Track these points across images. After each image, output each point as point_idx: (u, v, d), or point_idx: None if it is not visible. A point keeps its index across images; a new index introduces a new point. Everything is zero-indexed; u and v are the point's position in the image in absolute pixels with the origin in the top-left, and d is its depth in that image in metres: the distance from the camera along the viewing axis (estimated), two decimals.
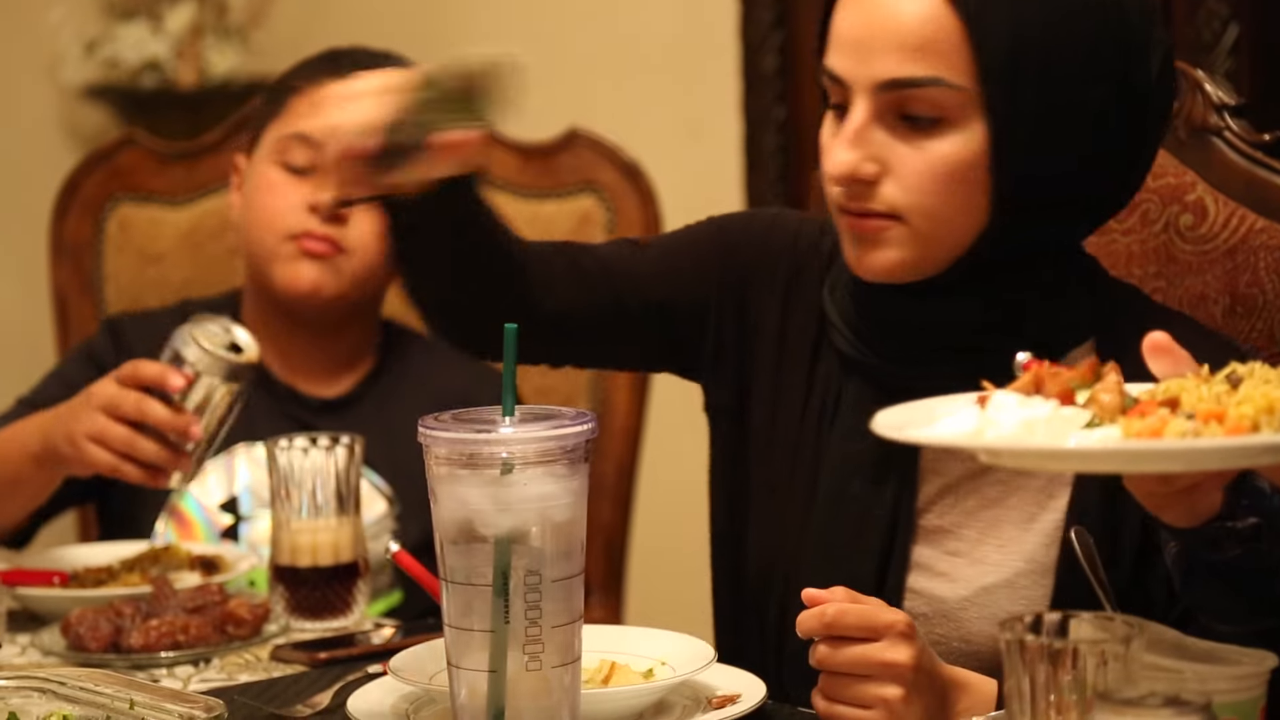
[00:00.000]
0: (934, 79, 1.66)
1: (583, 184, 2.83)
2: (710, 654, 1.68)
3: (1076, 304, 1.77)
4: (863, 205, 1.71)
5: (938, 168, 1.68)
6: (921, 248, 1.71)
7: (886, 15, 1.68)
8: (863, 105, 1.69)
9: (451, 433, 1.45)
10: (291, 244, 2.45)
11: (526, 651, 1.43)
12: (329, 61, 2.53)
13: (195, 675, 1.89)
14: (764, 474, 1.85)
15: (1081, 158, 1.71)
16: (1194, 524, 1.43)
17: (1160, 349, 1.41)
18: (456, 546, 1.45)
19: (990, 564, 1.75)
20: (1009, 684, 1.30)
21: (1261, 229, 1.96)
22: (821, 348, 1.84)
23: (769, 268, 1.88)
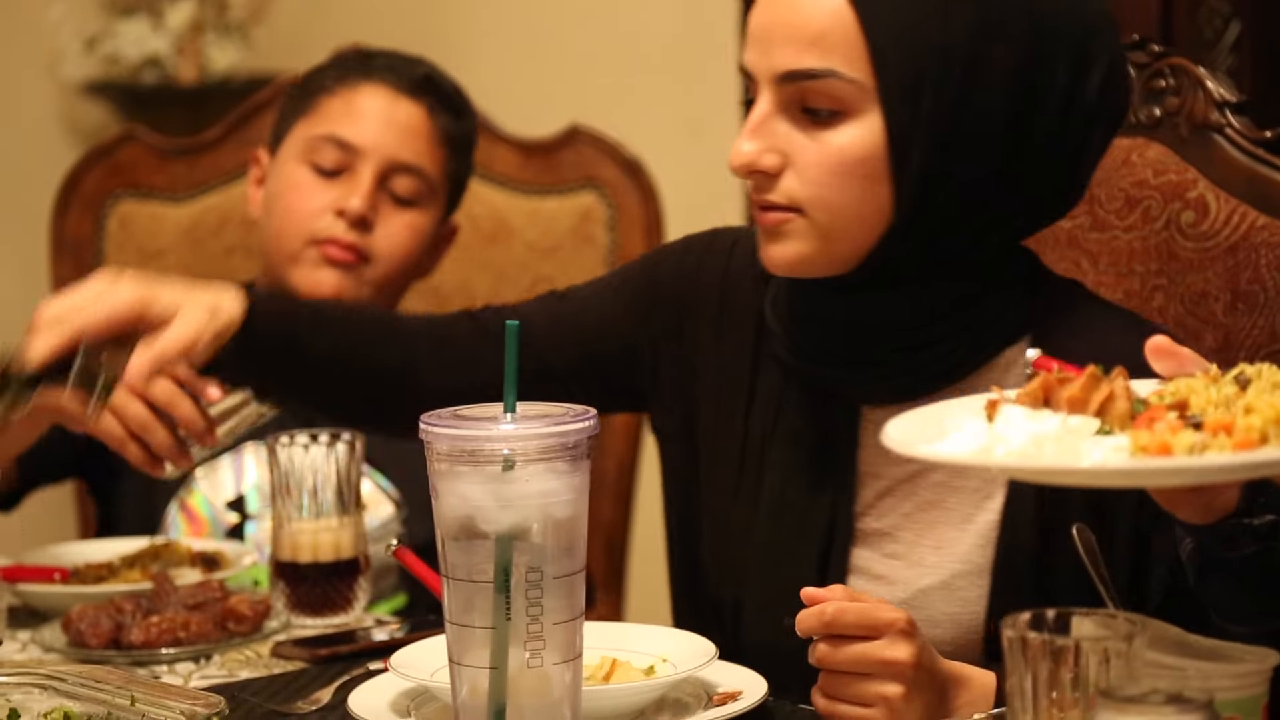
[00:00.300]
0: (829, 71, 1.67)
1: (584, 181, 2.83)
2: (712, 651, 1.68)
3: (1011, 302, 1.76)
4: (765, 197, 1.71)
5: (835, 159, 1.68)
6: (823, 241, 1.71)
7: (788, 9, 1.69)
8: (766, 97, 1.70)
9: (453, 429, 1.45)
10: (315, 249, 2.43)
11: (528, 648, 1.43)
12: (362, 62, 2.51)
13: (196, 672, 1.89)
14: (712, 488, 1.85)
15: (992, 162, 1.68)
16: (1209, 520, 1.43)
17: (1162, 351, 1.41)
18: (458, 543, 1.45)
19: (927, 566, 1.75)
20: (1011, 681, 1.30)
21: (1263, 226, 1.96)
22: (761, 359, 1.83)
23: (702, 299, 1.88)
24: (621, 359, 1.90)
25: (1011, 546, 1.72)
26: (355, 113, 2.46)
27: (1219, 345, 1.97)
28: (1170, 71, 2.03)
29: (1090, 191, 2.05)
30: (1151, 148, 2.03)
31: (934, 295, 1.73)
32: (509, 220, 2.84)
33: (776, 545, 1.78)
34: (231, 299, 1.82)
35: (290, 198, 2.45)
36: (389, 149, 2.45)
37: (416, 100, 2.48)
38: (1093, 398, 1.32)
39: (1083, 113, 1.71)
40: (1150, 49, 2.06)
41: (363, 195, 2.43)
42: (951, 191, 1.69)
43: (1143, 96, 2.05)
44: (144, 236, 2.91)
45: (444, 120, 2.49)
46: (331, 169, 2.45)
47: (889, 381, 1.76)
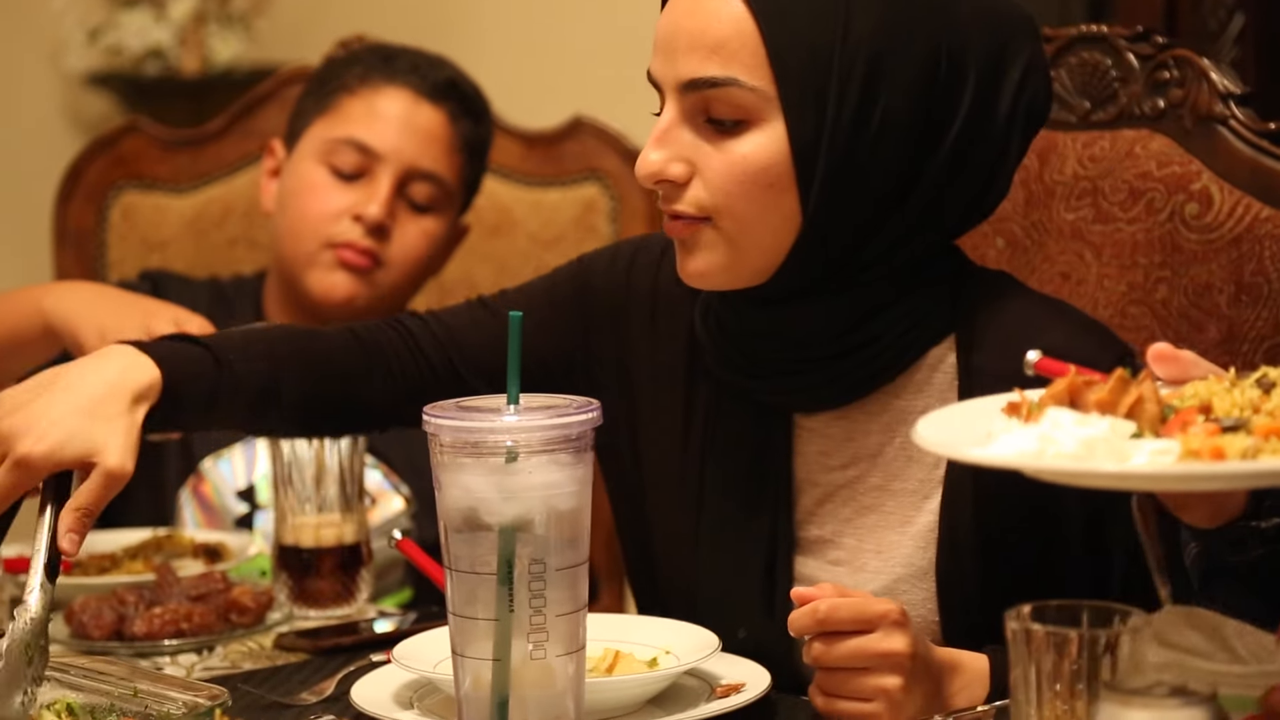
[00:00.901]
0: (730, 79, 1.65)
1: (586, 172, 2.83)
2: (715, 643, 1.68)
3: (933, 302, 1.74)
4: (673, 207, 1.69)
5: (739, 167, 1.66)
6: (732, 251, 1.69)
7: (690, 17, 1.67)
8: (671, 106, 1.69)
9: (456, 420, 1.45)
10: (330, 252, 2.43)
11: (530, 640, 1.43)
12: (385, 62, 2.49)
13: (199, 663, 1.89)
14: (657, 500, 1.85)
15: (905, 168, 1.67)
16: (1217, 524, 1.43)
17: (1164, 356, 1.40)
18: (461, 535, 1.45)
19: (870, 571, 1.75)
20: (1015, 673, 1.30)
21: (1267, 218, 1.96)
22: (695, 373, 1.82)
23: (634, 307, 1.87)
24: (553, 367, 1.87)
25: (951, 546, 1.71)
26: (376, 116, 2.45)
27: (1223, 337, 1.97)
28: (1174, 63, 2.03)
29: (1094, 183, 2.05)
30: (1155, 139, 2.03)
31: (853, 302, 1.71)
32: (512, 211, 2.83)
33: (721, 558, 1.78)
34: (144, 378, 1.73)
35: (307, 199, 2.44)
36: (408, 155, 2.45)
37: (438, 105, 2.47)
38: (1122, 400, 1.31)
39: (998, 116, 1.68)
40: (1154, 41, 2.05)
41: (381, 202, 2.42)
42: (860, 198, 1.67)
43: (1146, 88, 2.05)
44: (147, 228, 2.91)
45: (464, 126, 2.49)
46: (350, 172, 2.44)
47: (817, 390, 1.75)
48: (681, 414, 1.82)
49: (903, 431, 1.73)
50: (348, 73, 2.49)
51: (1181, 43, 2.07)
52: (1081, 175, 2.06)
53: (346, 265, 2.42)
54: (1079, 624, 1.28)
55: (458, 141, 2.48)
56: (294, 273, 2.46)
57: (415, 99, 2.46)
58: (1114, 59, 2.06)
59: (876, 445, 1.75)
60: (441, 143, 2.46)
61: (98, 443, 1.67)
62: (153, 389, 1.72)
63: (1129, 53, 2.06)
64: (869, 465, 1.75)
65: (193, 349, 1.79)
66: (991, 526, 1.70)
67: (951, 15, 1.67)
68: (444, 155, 2.46)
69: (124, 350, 1.74)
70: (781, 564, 1.76)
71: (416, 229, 2.46)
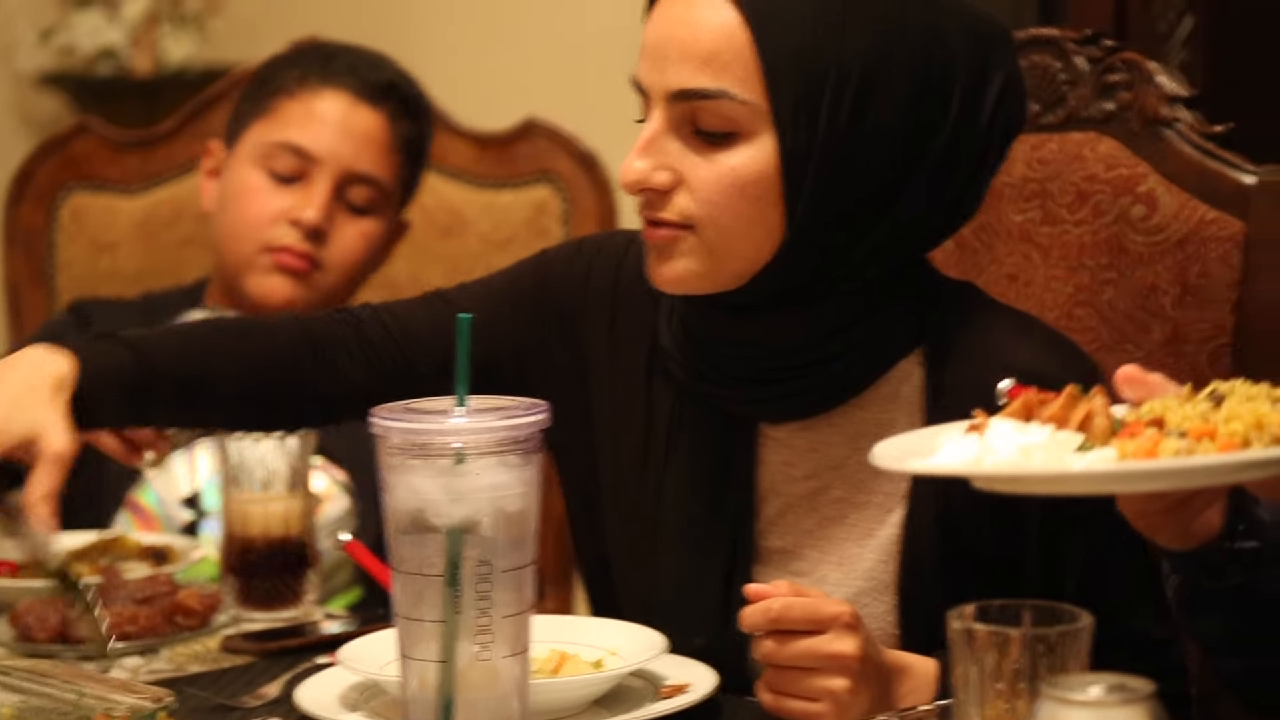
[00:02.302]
0: (721, 91, 1.64)
1: (539, 174, 2.83)
2: (661, 644, 1.68)
3: (903, 315, 1.74)
4: (656, 214, 1.69)
5: (727, 180, 1.66)
6: (712, 259, 1.68)
7: (682, 26, 1.66)
8: (658, 115, 1.68)
9: (404, 422, 1.44)
10: (268, 255, 2.43)
11: (477, 641, 1.43)
12: (323, 63, 2.48)
13: (144, 666, 1.88)
14: (615, 509, 1.84)
15: (890, 181, 1.67)
16: (1188, 546, 1.44)
17: (1132, 379, 1.41)
18: (408, 536, 1.45)
19: (831, 584, 1.74)
20: (957, 672, 1.30)
21: (1212, 220, 1.97)
22: (654, 376, 1.81)
23: (594, 306, 1.85)
24: (509, 362, 1.85)
25: (914, 560, 1.71)
26: (313, 119, 2.44)
27: (1168, 338, 1.98)
28: (1123, 66, 2.04)
29: (1042, 185, 2.06)
30: (1103, 142, 2.04)
31: (825, 313, 1.71)
32: (463, 213, 2.83)
33: (681, 566, 1.77)
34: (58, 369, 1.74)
35: (245, 202, 2.44)
36: (346, 159, 2.44)
37: (377, 107, 2.46)
38: (1073, 415, 1.34)
39: (979, 127, 1.69)
40: (1103, 44, 2.06)
41: (318, 207, 2.42)
42: (845, 210, 1.67)
43: (1095, 91, 2.06)
44: (97, 229, 2.90)
45: (403, 127, 2.48)
46: (287, 176, 2.44)
47: (785, 400, 1.74)
48: (641, 417, 1.82)
49: (867, 444, 1.72)
50: (286, 75, 2.48)
51: (1130, 46, 2.08)
52: (1030, 177, 2.07)
53: (284, 269, 2.42)
54: (1021, 623, 1.29)
55: (396, 142, 2.48)
56: (233, 276, 2.46)
57: (353, 101, 2.46)
58: (1063, 62, 2.07)
59: (841, 457, 1.75)
60: (380, 145, 2.46)
61: (38, 423, 1.68)
62: (69, 378, 1.73)
63: (1078, 56, 2.07)
64: (833, 477, 1.75)
65: (108, 344, 1.79)
66: (954, 542, 1.70)
67: (940, 28, 1.67)
68: (382, 157, 2.46)
69: (32, 349, 1.76)
70: (740, 573, 1.75)
71: (355, 231, 2.45)
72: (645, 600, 1.79)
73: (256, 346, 1.86)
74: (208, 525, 2.40)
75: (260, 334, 1.87)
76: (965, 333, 1.73)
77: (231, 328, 1.89)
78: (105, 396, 1.76)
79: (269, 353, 1.86)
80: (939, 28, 1.67)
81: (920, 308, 1.74)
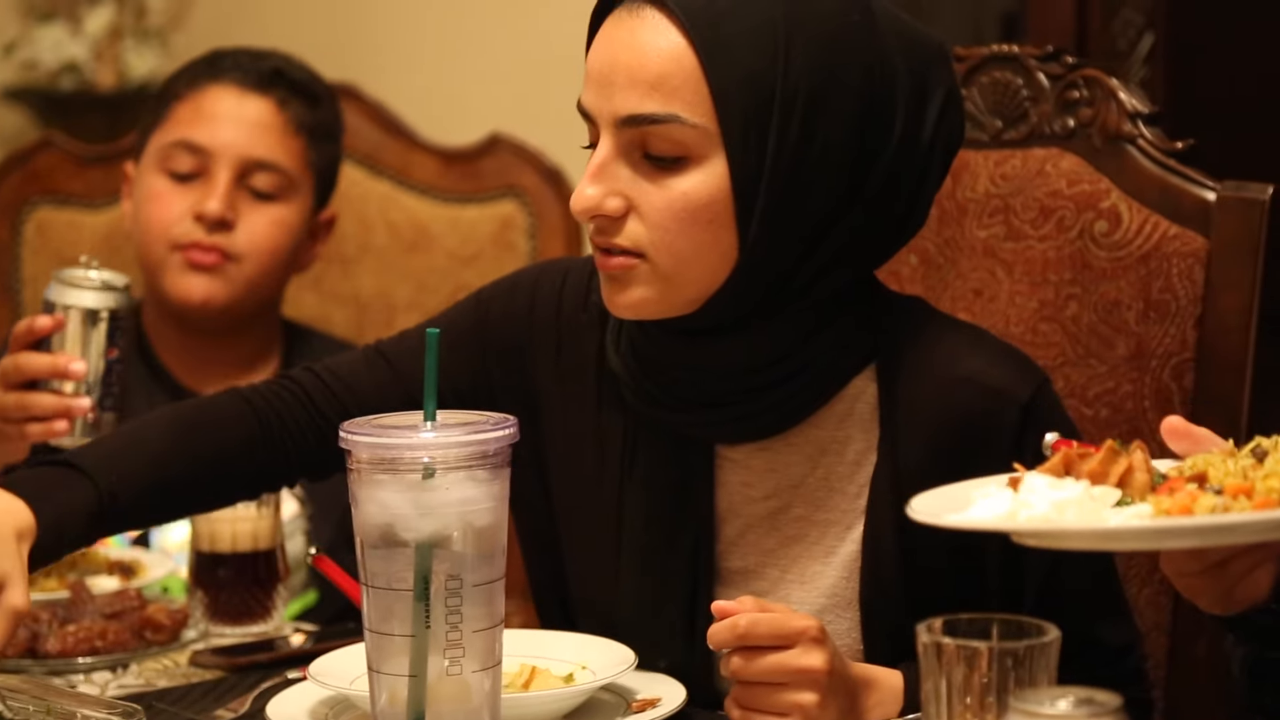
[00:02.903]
0: (671, 116, 1.64)
1: (504, 189, 2.83)
2: (631, 658, 1.68)
3: (854, 332, 1.74)
4: (608, 241, 1.68)
5: (679, 205, 1.65)
6: (666, 285, 1.68)
7: (628, 51, 1.65)
8: (607, 141, 1.67)
9: (373, 437, 1.45)
10: (178, 254, 2.44)
11: (447, 656, 1.43)
12: (211, 64, 2.51)
13: (113, 681, 1.88)
14: (571, 535, 1.84)
15: (838, 199, 1.67)
16: (1231, 610, 1.43)
17: (1178, 432, 1.42)
18: (377, 551, 1.45)
19: (794, 601, 1.75)
20: (926, 686, 1.31)
21: (1174, 235, 1.98)
22: (605, 403, 1.81)
23: (539, 334, 1.85)
24: (453, 402, 1.81)
25: (875, 576, 1.72)
26: (204, 115, 2.46)
27: (1131, 353, 1.99)
28: (1084, 83, 2.06)
29: (1005, 201, 2.08)
30: (1065, 158, 2.06)
31: (775, 334, 1.71)
32: (429, 228, 2.84)
33: (642, 590, 1.77)
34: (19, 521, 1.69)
35: (151, 207, 2.46)
36: (240, 147, 2.45)
37: (265, 94, 2.48)
38: (1112, 470, 1.35)
39: (922, 144, 1.69)
40: (1064, 61, 2.08)
41: (218, 197, 2.43)
42: (795, 230, 1.66)
43: (1057, 107, 2.07)
44: (61, 243, 2.90)
45: (297, 110, 2.49)
46: (187, 173, 2.45)
47: (740, 422, 1.74)
48: (593, 444, 1.81)
49: (825, 462, 1.73)
50: (178, 81, 2.51)
51: (1091, 63, 2.09)
52: (993, 193, 2.08)
53: (195, 265, 2.43)
54: (989, 637, 1.30)
55: (291, 126, 2.49)
56: (153, 281, 2.48)
57: (241, 92, 2.48)
58: (1025, 78, 2.08)
59: (799, 475, 1.75)
60: (274, 130, 2.47)
61: (4, 571, 1.64)
62: (30, 529, 1.69)
63: (1039, 72, 2.08)
64: (791, 495, 1.75)
65: (62, 476, 1.75)
66: (914, 555, 1.71)
67: (880, 46, 1.67)
68: (279, 142, 2.47)
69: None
70: (703, 595, 1.75)
71: (263, 218, 2.46)
72: (607, 623, 1.78)
73: (205, 436, 1.84)
74: (156, 535, 2.38)
75: (209, 428, 1.85)
76: (916, 347, 1.73)
77: (179, 422, 1.86)
78: (65, 538, 1.73)
79: (219, 437, 1.84)
80: (880, 47, 1.67)
81: (870, 324, 1.74)
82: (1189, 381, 1.97)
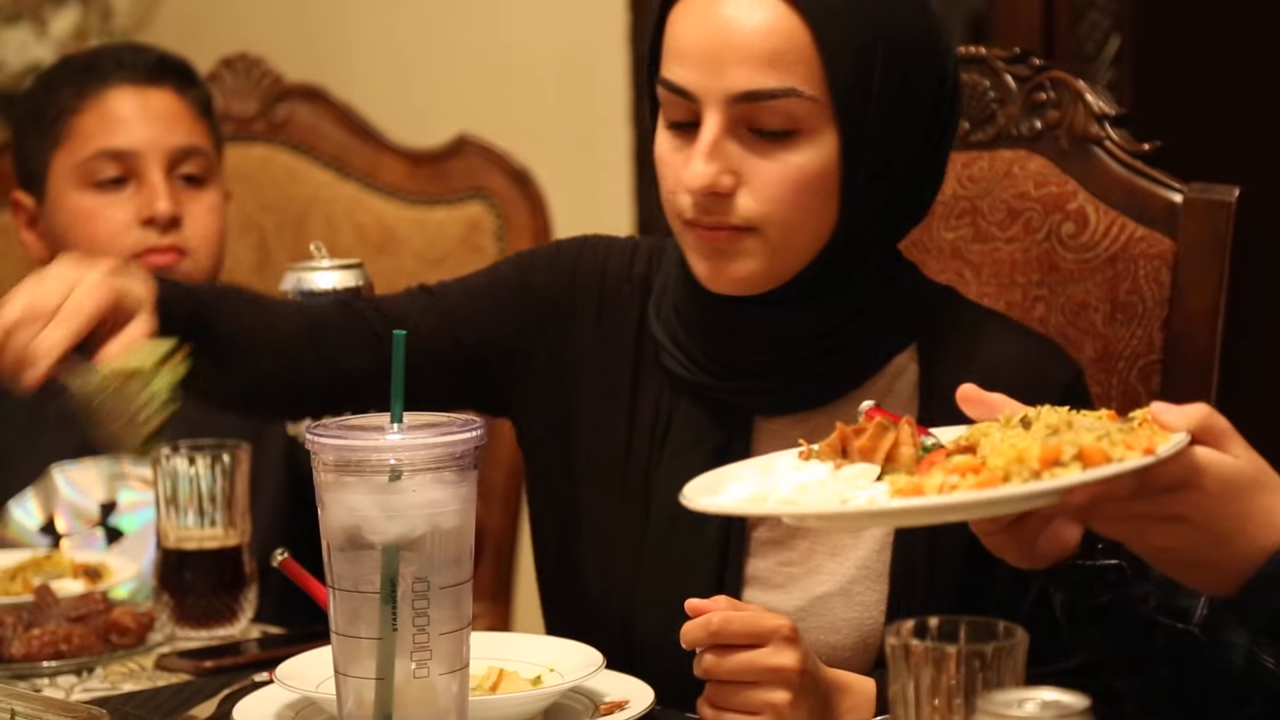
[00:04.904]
0: (788, 89, 1.67)
1: (472, 191, 2.83)
2: (599, 660, 1.68)
3: (899, 309, 1.79)
4: (717, 218, 1.71)
5: (793, 178, 1.69)
6: (775, 257, 1.72)
7: (736, 27, 1.68)
8: (715, 118, 1.69)
9: (339, 439, 1.44)
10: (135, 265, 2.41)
11: (414, 659, 1.43)
12: (89, 71, 2.46)
13: (78, 685, 1.87)
14: (593, 502, 1.85)
15: (909, 162, 1.73)
16: (1038, 565, 1.44)
17: (971, 399, 1.43)
18: (344, 553, 1.45)
19: (825, 572, 1.76)
20: (894, 688, 1.31)
21: (1141, 237, 1.99)
22: (642, 373, 1.83)
23: (580, 300, 1.88)
24: (493, 353, 1.88)
25: (906, 551, 1.74)
26: (114, 120, 2.44)
27: (1099, 355, 2.00)
28: (1051, 85, 2.06)
29: (973, 203, 2.08)
30: (1033, 160, 2.06)
31: (830, 307, 1.75)
32: (396, 230, 2.83)
33: (670, 558, 1.78)
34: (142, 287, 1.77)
35: (87, 226, 2.42)
36: (163, 141, 2.44)
37: (161, 85, 2.47)
38: (880, 445, 1.37)
39: (950, 114, 1.76)
40: (1031, 62, 2.08)
41: (163, 196, 2.42)
42: (881, 200, 1.72)
43: (1024, 109, 2.08)
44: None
45: (191, 93, 2.50)
46: (114, 180, 2.43)
47: (784, 393, 1.77)
48: (625, 413, 1.83)
49: None
50: (60, 96, 2.47)
51: (1058, 65, 2.10)
52: (961, 195, 2.09)
53: (156, 270, 2.41)
54: (957, 640, 1.30)
55: (195, 109, 2.49)
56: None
57: (139, 89, 2.46)
58: (992, 80, 2.09)
59: None
60: (183, 116, 2.47)
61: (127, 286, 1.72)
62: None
63: (1007, 74, 2.09)
64: None
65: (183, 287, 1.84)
66: (943, 533, 1.72)
67: (932, 20, 1.73)
68: (193, 125, 2.47)
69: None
70: (733, 565, 1.77)
71: (202, 206, 2.46)
72: (628, 593, 1.79)
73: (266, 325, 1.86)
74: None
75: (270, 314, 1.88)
76: (956, 330, 1.78)
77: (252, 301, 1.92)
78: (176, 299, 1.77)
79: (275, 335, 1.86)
80: (932, 20, 1.73)
81: (913, 304, 1.79)
82: (1156, 383, 1.97)
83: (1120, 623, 1.48)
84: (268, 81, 2.92)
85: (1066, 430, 1.35)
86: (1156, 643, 1.47)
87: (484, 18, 3.87)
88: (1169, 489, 1.34)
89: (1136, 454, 1.31)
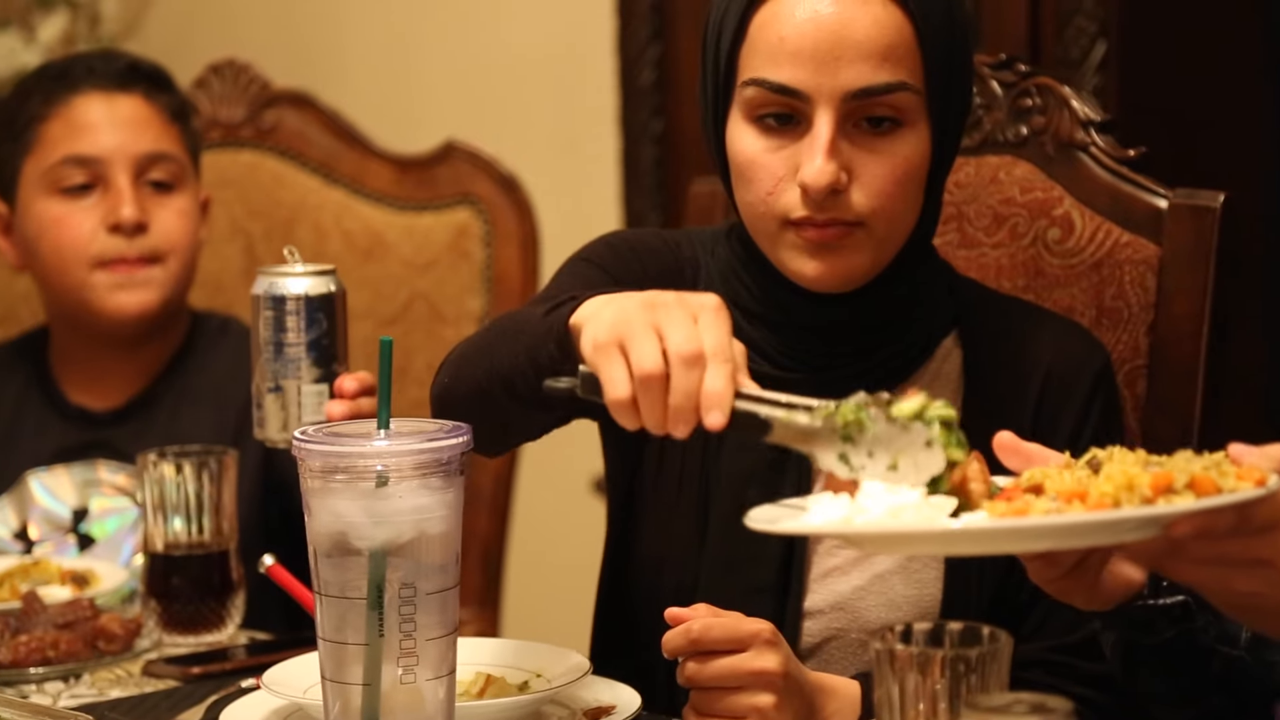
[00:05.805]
0: (900, 84, 1.71)
1: (460, 196, 2.83)
2: (585, 666, 1.69)
3: (942, 299, 1.85)
4: (831, 215, 1.73)
5: (900, 170, 1.73)
6: (879, 250, 1.76)
7: (848, 26, 1.71)
8: (829, 116, 1.71)
9: (325, 445, 1.44)
10: (103, 272, 2.39)
11: (401, 664, 1.43)
12: (59, 79, 2.46)
13: (66, 691, 1.87)
14: (653, 489, 1.86)
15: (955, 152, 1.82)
16: (1106, 606, 1.44)
17: (1007, 448, 1.43)
18: (331, 559, 1.45)
19: (884, 555, 1.77)
20: (879, 692, 1.31)
21: (1126, 243, 1.99)
22: None
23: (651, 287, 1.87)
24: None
25: None
26: (80, 127, 2.43)
27: None
28: (1037, 91, 2.07)
29: (959, 209, 2.08)
30: (1019, 165, 2.06)
31: (890, 295, 1.80)
32: (384, 236, 2.83)
33: (735, 548, 1.79)
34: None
35: (56, 232, 2.41)
36: (129, 146, 2.43)
37: (130, 92, 2.46)
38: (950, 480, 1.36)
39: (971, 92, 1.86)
40: (1017, 68, 2.09)
41: (129, 201, 2.40)
42: (944, 189, 1.81)
43: (1010, 115, 2.08)
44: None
45: (162, 99, 2.49)
46: (81, 186, 2.42)
47: (851, 381, 1.76)
48: None
49: None
50: (30, 104, 2.46)
51: (1044, 71, 2.11)
52: (947, 200, 2.09)
53: (125, 277, 2.40)
54: (942, 644, 1.30)
55: (165, 115, 2.48)
56: (75, 306, 2.43)
57: (107, 95, 2.45)
58: (978, 86, 2.09)
59: None
60: (152, 122, 2.46)
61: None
62: None
63: (993, 80, 2.09)
64: None
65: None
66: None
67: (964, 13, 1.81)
68: (162, 132, 2.46)
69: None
70: (799, 552, 1.79)
71: (171, 211, 2.44)
72: (678, 583, 1.80)
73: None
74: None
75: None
76: (991, 317, 1.84)
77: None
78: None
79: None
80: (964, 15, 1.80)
81: (948, 293, 1.85)
82: (1141, 388, 1.98)
83: (1183, 657, 1.48)
84: (255, 87, 2.92)
85: (1139, 466, 1.33)
86: (1213, 671, 1.47)
87: (471, 24, 3.87)
88: (1261, 530, 1.32)
89: (1249, 485, 1.30)
